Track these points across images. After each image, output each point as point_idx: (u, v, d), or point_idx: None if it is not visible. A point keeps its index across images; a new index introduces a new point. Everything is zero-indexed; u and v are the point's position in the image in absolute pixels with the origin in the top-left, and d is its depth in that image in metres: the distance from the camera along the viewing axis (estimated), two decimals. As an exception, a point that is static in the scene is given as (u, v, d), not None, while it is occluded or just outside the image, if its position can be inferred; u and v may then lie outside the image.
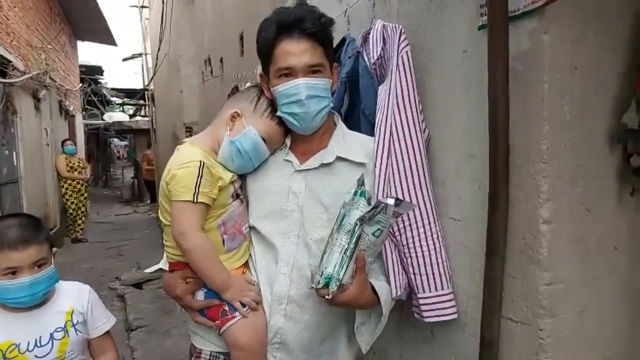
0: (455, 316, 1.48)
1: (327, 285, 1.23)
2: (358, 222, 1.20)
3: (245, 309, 1.36)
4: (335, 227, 1.25)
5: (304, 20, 1.34)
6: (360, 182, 1.27)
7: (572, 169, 1.18)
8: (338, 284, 1.22)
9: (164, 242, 1.48)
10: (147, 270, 1.73)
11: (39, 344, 1.47)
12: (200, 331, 1.47)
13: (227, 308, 1.37)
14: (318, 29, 1.35)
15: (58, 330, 1.51)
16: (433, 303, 1.48)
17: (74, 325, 1.54)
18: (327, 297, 1.24)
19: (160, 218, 1.46)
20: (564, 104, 1.16)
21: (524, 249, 1.22)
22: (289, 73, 1.35)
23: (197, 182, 1.32)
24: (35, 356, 1.46)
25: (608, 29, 1.19)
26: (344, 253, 1.21)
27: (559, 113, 1.16)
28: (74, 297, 1.60)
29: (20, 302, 1.45)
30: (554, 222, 1.16)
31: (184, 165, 1.35)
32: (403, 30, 1.52)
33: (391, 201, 1.17)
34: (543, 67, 1.15)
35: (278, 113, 1.41)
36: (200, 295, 1.41)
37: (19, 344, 1.45)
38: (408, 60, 1.50)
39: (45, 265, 1.47)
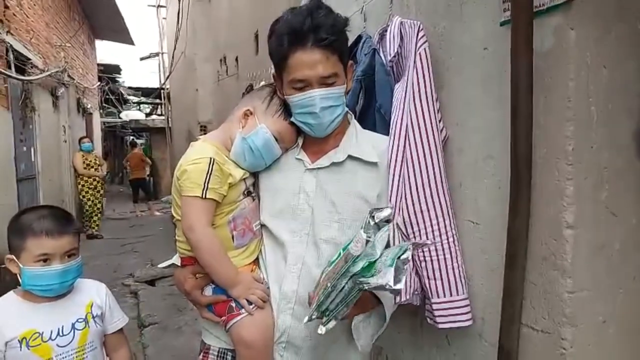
0: (470, 323, 1.43)
1: (323, 314, 1.16)
2: (359, 286, 1.08)
3: (251, 306, 1.35)
4: (339, 270, 1.12)
5: (318, 30, 1.28)
6: (377, 212, 1.10)
7: (598, 172, 1.12)
8: (335, 318, 1.16)
9: (176, 237, 1.48)
10: (161, 265, 1.72)
11: (61, 333, 1.49)
12: (211, 328, 1.47)
13: (233, 305, 1.36)
14: (333, 39, 1.29)
15: (79, 320, 1.54)
16: (447, 309, 1.44)
17: (93, 318, 1.57)
18: (321, 329, 1.16)
19: (173, 213, 1.47)
20: (590, 104, 1.11)
21: (547, 255, 1.17)
22: (304, 85, 1.32)
23: (206, 178, 1.32)
24: (58, 345, 1.48)
25: (636, 25, 1.14)
26: (343, 297, 1.12)
27: (585, 113, 1.11)
28: (92, 291, 1.63)
29: (49, 290, 1.47)
30: (578, 227, 1.11)
31: (194, 161, 1.36)
32: (421, 27, 1.48)
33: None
34: (569, 65, 1.10)
35: (292, 119, 1.40)
36: (208, 290, 1.41)
37: (42, 332, 1.47)
38: (426, 57, 1.46)
39: (74, 256, 1.51)
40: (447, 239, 1.44)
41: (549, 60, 1.14)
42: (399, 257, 1.02)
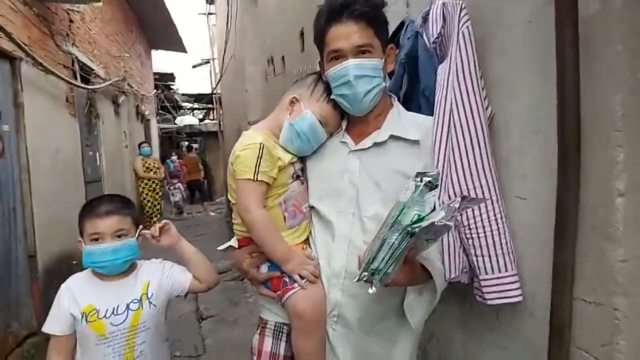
0: (520, 299, 1.42)
1: (372, 275, 1.18)
2: (409, 231, 1.08)
3: (304, 281, 1.41)
4: (389, 222, 1.15)
5: (352, 3, 1.37)
6: (421, 177, 1.13)
7: (649, 137, 1.09)
8: (385, 276, 1.17)
9: (232, 220, 1.57)
10: (220, 248, 1.85)
11: (115, 312, 1.61)
12: (267, 304, 1.56)
13: (287, 279, 1.44)
14: (365, 10, 1.37)
15: (134, 301, 1.65)
16: (496, 285, 1.43)
17: (148, 298, 1.67)
18: (371, 289, 1.18)
19: (229, 197, 1.56)
20: (638, 69, 1.08)
21: (597, 225, 1.14)
22: (339, 55, 1.40)
23: (257, 162, 1.41)
24: (111, 323, 1.60)
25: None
26: (393, 252, 1.13)
27: (633, 79, 1.08)
28: (152, 270, 1.76)
29: (103, 267, 1.61)
30: (630, 194, 1.08)
31: (246, 147, 1.45)
32: (464, 6, 1.48)
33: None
34: (615, 30, 1.08)
35: (332, 96, 1.46)
36: (264, 268, 1.50)
37: (99, 309, 1.60)
38: (469, 35, 1.46)
39: (125, 237, 1.63)
40: (495, 215, 1.44)
41: (595, 25, 1.12)
42: (449, 205, 1.06)
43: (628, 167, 1.08)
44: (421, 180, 1.08)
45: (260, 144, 1.43)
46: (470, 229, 1.45)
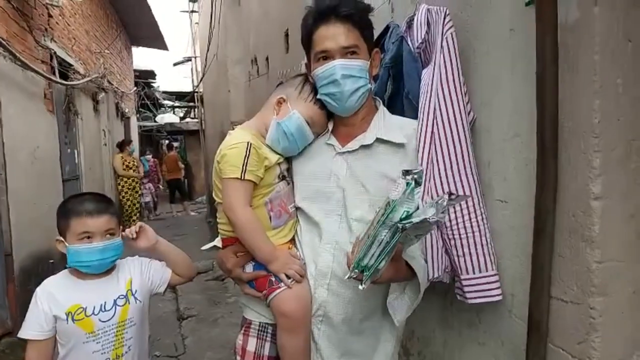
0: (500, 298, 1.46)
1: (362, 272, 1.20)
2: (400, 227, 1.10)
3: (289, 280, 1.42)
4: (378, 219, 1.17)
5: (339, 6, 1.40)
6: (409, 175, 1.14)
7: (625, 143, 1.14)
8: (375, 273, 1.19)
9: (217, 219, 1.57)
10: (203, 248, 1.85)
11: (103, 309, 1.61)
12: (251, 304, 1.56)
13: (273, 279, 1.44)
14: (352, 12, 1.40)
15: (121, 297, 1.66)
16: (477, 285, 1.47)
17: (133, 294, 1.69)
18: (361, 285, 1.19)
19: (214, 196, 1.55)
20: (616, 77, 1.12)
21: (575, 227, 1.19)
22: (326, 56, 1.42)
23: (244, 161, 1.41)
24: (100, 320, 1.60)
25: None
26: (383, 248, 1.15)
27: (610, 86, 1.12)
28: (131, 268, 1.76)
29: (90, 266, 1.60)
30: (606, 198, 1.12)
31: (233, 146, 1.45)
32: (448, 12, 1.52)
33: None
34: (594, 39, 1.12)
35: (318, 96, 1.48)
36: (249, 267, 1.50)
37: (86, 307, 1.60)
38: (452, 41, 1.49)
39: (114, 236, 1.63)
40: (476, 217, 1.47)
41: (575, 34, 1.16)
42: (437, 202, 1.09)
43: (605, 171, 1.12)
44: (411, 178, 1.11)
45: (248, 142, 1.43)
46: (452, 230, 1.48)
